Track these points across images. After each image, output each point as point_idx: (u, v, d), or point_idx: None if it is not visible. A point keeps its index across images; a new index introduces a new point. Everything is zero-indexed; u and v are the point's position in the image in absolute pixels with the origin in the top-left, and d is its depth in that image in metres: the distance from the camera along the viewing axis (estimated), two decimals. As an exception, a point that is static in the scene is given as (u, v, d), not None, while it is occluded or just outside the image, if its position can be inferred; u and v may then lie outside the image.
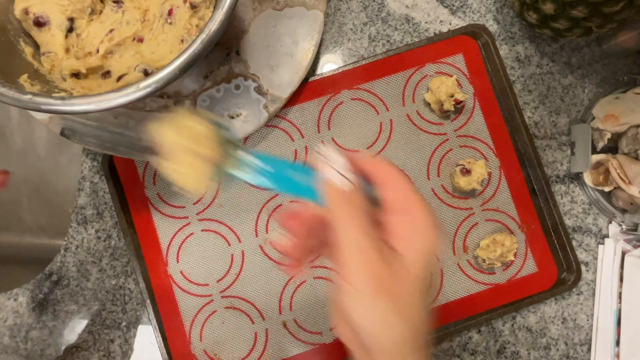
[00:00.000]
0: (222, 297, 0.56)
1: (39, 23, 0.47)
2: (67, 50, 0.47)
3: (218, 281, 0.56)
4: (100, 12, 0.49)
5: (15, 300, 0.57)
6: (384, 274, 0.28)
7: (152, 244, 0.56)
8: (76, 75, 0.47)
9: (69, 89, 0.44)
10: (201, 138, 0.27)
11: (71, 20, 0.47)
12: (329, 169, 0.29)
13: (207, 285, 0.56)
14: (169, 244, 0.56)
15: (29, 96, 0.39)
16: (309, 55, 0.54)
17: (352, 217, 0.28)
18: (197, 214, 0.57)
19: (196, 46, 0.38)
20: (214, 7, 0.46)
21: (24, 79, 0.42)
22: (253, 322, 0.56)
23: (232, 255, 0.57)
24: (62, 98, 0.39)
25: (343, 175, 0.29)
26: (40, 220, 0.69)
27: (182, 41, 0.48)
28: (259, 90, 0.54)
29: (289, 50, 0.54)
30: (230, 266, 0.56)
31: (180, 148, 0.27)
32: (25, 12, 0.46)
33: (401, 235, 0.30)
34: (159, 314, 0.55)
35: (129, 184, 0.57)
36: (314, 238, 0.32)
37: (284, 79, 0.54)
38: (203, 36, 0.38)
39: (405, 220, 0.30)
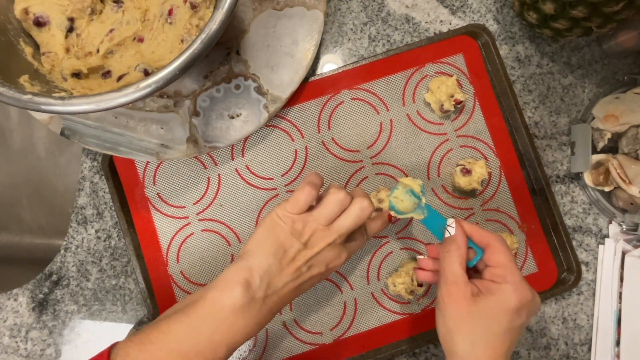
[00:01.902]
0: (222, 297, 0.56)
1: (39, 23, 0.47)
2: (67, 50, 0.47)
3: (218, 281, 0.56)
4: (101, 12, 0.49)
5: (15, 300, 0.57)
6: (469, 306, 0.41)
7: (152, 244, 0.56)
8: (77, 75, 0.47)
9: (69, 89, 0.44)
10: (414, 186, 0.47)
11: (71, 20, 0.47)
12: (451, 229, 0.45)
13: (207, 285, 0.56)
14: (169, 244, 0.56)
15: (29, 96, 0.39)
16: (309, 55, 0.54)
17: (453, 253, 0.43)
18: (197, 214, 0.57)
19: (196, 46, 0.38)
20: (214, 7, 0.46)
21: (24, 79, 0.42)
22: (253, 322, 0.56)
23: (232, 255, 0.57)
24: (62, 98, 0.39)
25: (449, 232, 0.45)
26: (40, 220, 0.69)
27: (182, 41, 0.48)
28: (259, 90, 0.54)
29: (289, 50, 0.54)
30: (230, 266, 0.56)
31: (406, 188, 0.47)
32: (25, 12, 0.46)
33: (488, 286, 0.42)
34: (159, 314, 0.55)
35: (129, 184, 0.57)
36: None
37: (284, 79, 0.54)
38: (203, 36, 0.38)
39: (497, 276, 0.42)
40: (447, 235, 0.45)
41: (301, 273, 0.42)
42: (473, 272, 0.45)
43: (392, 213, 0.47)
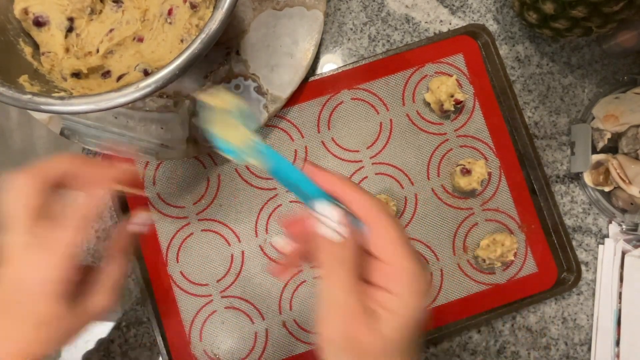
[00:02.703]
0: (222, 297, 0.56)
1: (39, 23, 0.47)
2: (67, 50, 0.47)
3: (218, 281, 0.56)
4: (100, 11, 0.49)
5: (15, 300, 0.57)
6: (358, 334, 0.28)
7: (152, 244, 0.56)
8: (76, 75, 0.47)
9: (69, 89, 0.44)
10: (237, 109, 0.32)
11: (71, 20, 0.47)
12: (322, 226, 0.30)
13: (207, 285, 0.56)
14: (169, 244, 0.56)
15: (29, 96, 0.39)
16: (308, 55, 0.54)
17: (337, 274, 0.29)
18: (197, 214, 0.57)
19: (196, 46, 0.38)
20: (214, 7, 0.46)
21: (23, 79, 0.42)
22: (253, 322, 0.56)
23: (232, 255, 0.57)
24: (62, 98, 0.39)
25: (336, 231, 0.30)
26: (40, 220, 0.69)
27: (181, 41, 0.48)
28: (259, 90, 0.54)
29: (289, 50, 0.54)
30: (230, 266, 0.56)
31: (225, 112, 0.32)
32: (25, 11, 0.46)
33: (385, 289, 0.30)
34: (159, 314, 0.55)
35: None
36: (310, 245, 0.32)
37: (284, 79, 0.54)
38: (203, 36, 0.38)
39: (390, 272, 0.30)
40: (327, 233, 0.30)
41: None
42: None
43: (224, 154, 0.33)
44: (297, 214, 0.32)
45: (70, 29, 0.48)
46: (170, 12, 0.48)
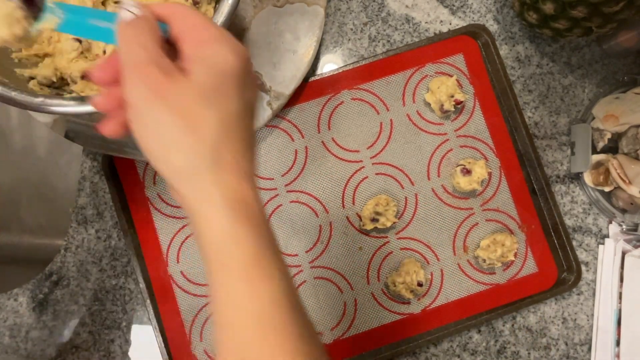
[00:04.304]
0: (222, 297, 0.56)
1: None
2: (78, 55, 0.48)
3: (218, 281, 0.56)
4: None
5: (15, 300, 0.57)
6: (161, 84, 0.26)
7: (152, 244, 0.56)
8: (86, 77, 0.47)
9: (78, 92, 0.45)
10: None
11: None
12: (122, 11, 0.28)
13: (207, 285, 0.56)
14: (169, 244, 0.56)
15: (41, 99, 0.39)
16: (310, 51, 0.54)
17: (132, 36, 0.27)
18: (197, 214, 0.57)
19: None
20: (216, 2, 0.46)
21: (33, 84, 0.43)
22: (253, 322, 0.56)
23: (232, 255, 0.56)
24: (74, 98, 0.39)
25: (132, 12, 0.28)
26: (40, 220, 0.69)
27: None
28: (262, 87, 0.54)
29: (291, 46, 0.54)
30: (231, 266, 0.56)
31: None
32: None
33: (186, 53, 0.28)
34: (159, 314, 0.55)
35: (129, 184, 0.57)
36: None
37: (287, 75, 0.54)
38: None
39: (190, 38, 0.28)
40: (125, 18, 0.28)
41: None
42: None
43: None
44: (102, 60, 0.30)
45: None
46: (172, 11, 0.48)
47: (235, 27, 0.54)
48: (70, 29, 0.30)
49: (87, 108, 0.39)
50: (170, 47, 0.29)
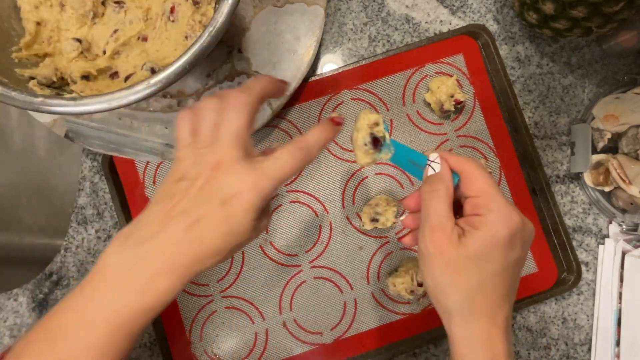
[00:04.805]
0: (222, 297, 0.56)
1: None
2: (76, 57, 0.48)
3: (218, 281, 0.56)
4: (102, 14, 0.49)
5: (15, 300, 0.57)
6: (443, 246, 0.35)
7: (152, 244, 0.56)
8: (86, 77, 0.47)
9: (78, 92, 0.45)
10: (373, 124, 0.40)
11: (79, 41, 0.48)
12: (429, 167, 0.38)
13: (207, 285, 0.56)
14: (169, 244, 0.56)
15: (41, 99, 0.39)
16: (310, 51, 0.54)
17: (430, 192, 0.37)
18: (197, 213, 0.57)
19: (204, 39, 0.38)
20: (216, 1, 0.46)
21: (33, 84, 0.43)
22: (253, 322, 0.56)
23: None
24: (74, 98, 0.39)
25: (434, 169, 0.38)
26: (40, 220, 0.69)
27: (186, 38, 0.48)
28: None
29: (291, 46, 0.54)
30: (230, 266, 0.56)
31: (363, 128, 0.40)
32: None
33: (467, 215, 0.36)
34: (159, 314, 0.55)
35: (129, 184, 0.57)
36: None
37: (287, 76, 0.54)
38: (210, 29, 0.39)
39: (480, 201, 0.36)
40: (430, 172, 0.38)
41: (185, 213, 0.32)
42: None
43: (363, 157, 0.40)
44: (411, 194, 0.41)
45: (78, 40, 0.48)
46: (172, 10, 0.48)
47: (235, 27, 0.54)
48: (396, 162, 0.40)
49: (87, 108, 0.39)
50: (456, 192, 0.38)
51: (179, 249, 0.32)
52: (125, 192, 0.56)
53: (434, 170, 0.38)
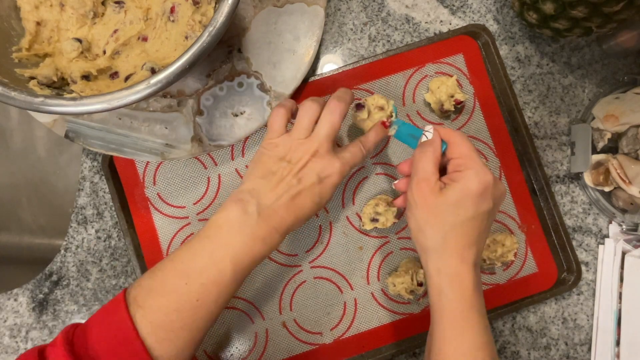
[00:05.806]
0: (222, 297, 0.56)
1: None
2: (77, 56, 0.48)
3: (218, 281, 0.56)
4: (102, 14, 0.49)
5: (15, 300, 0.57)
6: (427, 196, 0.42)
7: (152, 244, 0.56)
8: (86, 77, 0.47)
9: (78, 92, 0.45)
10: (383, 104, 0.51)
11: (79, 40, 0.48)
12: (423, 136, 0.46)
13: (207, 285, 0.56)
14: (169, 244, 0.56)
15: (41, 99, 0.39)
16: (310, 51, 0.54)
17: (422, 153, 0.44)
18: (197, 214, 0.57)
19: (204, 39, 0.38)
20: (216, 1, 0.46)
21: (33, 84, 0.43)
22: (253, 322, 0.56)
23: (232, 255, 0.57)
24: (74, 99, 0.39)
25: (427, 137, 0.46)
26: (40, 220, 0.69)
27: (186, 38, 0.48)
28: (262, 87, 0.54)
29: (291, 46, 0.54)
30: (231, 266, 0.56)
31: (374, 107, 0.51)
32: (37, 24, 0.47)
33: (449, 173, 0.44)
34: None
35: (129, 184, 0.57)
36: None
37: (287, 76, 0.54)
38: (210, 29, 0.39)
39: (460, 161, 0.43)
40: (423, 140, 0.46)
41: (291, 186, 0.43)
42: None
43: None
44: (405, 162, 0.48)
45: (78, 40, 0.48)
46: (172, 10, 0.48)
47: (235, 27, 0.54)
48: (399, 137, 0.49)
49: (87, 108, 0.39)
50: (442, 158, 0.45)
51: (287, 213, 0.42)
52: (125, 192, 0.56)
53: (427, 138, 0.45)
